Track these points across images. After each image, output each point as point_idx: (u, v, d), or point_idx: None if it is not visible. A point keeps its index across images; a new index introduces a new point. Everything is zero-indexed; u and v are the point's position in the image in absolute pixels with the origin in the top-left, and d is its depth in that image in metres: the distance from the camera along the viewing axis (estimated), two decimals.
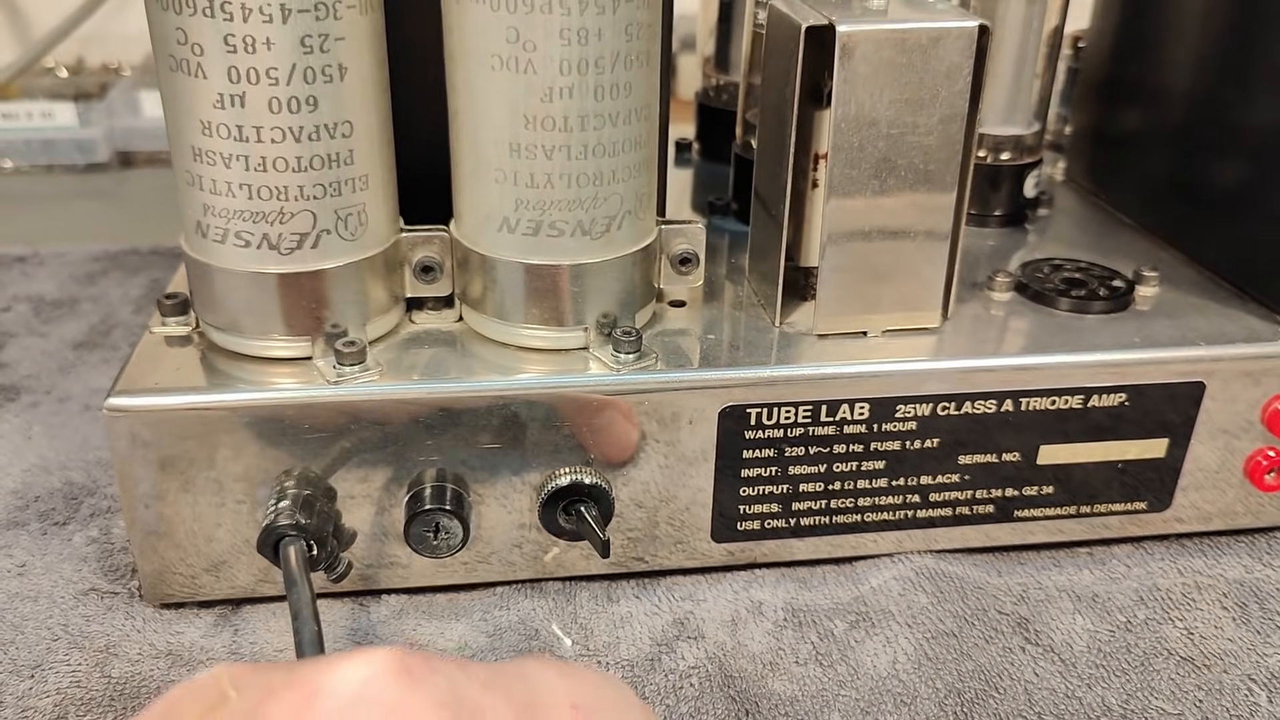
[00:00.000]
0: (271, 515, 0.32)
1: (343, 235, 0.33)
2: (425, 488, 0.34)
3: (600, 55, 0.31)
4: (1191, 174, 0.43)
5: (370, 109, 0.32)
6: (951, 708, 0.32)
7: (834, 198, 0.35)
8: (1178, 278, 0.42)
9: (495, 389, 0.33)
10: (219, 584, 0.35)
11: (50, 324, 0.54)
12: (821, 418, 0.35)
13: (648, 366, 0.34)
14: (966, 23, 0.33)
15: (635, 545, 0.36)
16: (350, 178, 0.32)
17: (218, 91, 0.30)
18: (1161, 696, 0.33)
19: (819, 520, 0.37)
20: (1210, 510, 0.40)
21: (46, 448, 0.44)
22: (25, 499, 0.41)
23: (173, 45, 0.30)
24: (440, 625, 0.35)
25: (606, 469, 0.35)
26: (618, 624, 0.35)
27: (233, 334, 0.34)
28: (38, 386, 0.48)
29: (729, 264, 0.42)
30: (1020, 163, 0.46)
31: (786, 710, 0.32)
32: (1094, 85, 0.51)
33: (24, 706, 0.32)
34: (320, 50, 0.30)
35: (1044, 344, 0.37)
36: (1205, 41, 0.42)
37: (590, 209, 0.33)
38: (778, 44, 0.35)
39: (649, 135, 0.34)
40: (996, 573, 0.38)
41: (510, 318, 0.35)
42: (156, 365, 0.34)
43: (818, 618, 0.36)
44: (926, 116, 0.34)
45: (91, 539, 0.38)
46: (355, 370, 0.33)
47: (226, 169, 0.31)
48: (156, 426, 0.32)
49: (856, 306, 0.37)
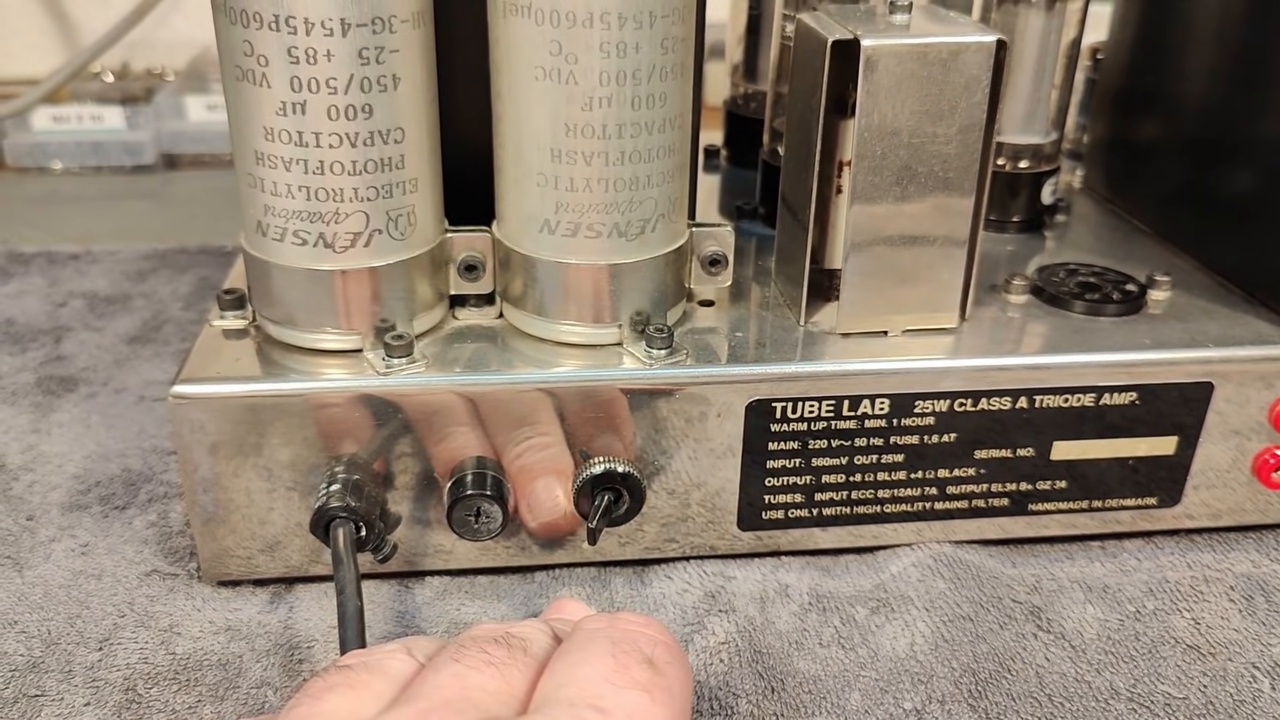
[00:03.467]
0: (323, 498, 0.35)
1: (393, 235, 0.35)
2: (467, 474, 0.36)
3: (638, 67, 0.33)
4: (1204, 183, 0.45)
5: (420, 116, 0.35)
6: (966, 687, 0.34)
7: (857, 203, 0.37)
8: (1189, 283, 0.43)
9: (534, 381, 0.35)
10: (273, 564, 0.37)
11: (105, 319, 0.56)
12: (844, 412, 0.37)
13: (679, 362, 0.36)
14: (985, 38, 0.35)
15: (666, 531, 0.38)
16: (401, 181, 0.35)
17: (280, 100, 0.32)
18: (1168, 682, 0.35)
19: (841, 510, 0.39)
20: (1219, 507, 0.41)
21: (105, 436, 0.46)
22: (86, 484, 0.43)
23: (239, 56, 0.32)
24: (482, 605, 0.37)
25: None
26: (652, 606, 0.37)
27: (288, 327, 0.36)
28: (95, 378, 0.50)
29: (755, 266, 0.44)
30: (1038, 170, 0.48)
31: (810, 688, 0.34)
32: (1111, 95, 0.52)
33: (94, 677, 0.34)
34: (376, 61, 0.32)
35: (1058, 344, 0.39)
36: (1219, 54, 0.44)
37: (626, 212, 0.35)
38: (805, 57, 0.37)
39: (682, 143, 0.36)
40: (1011, 563, 0.40)
41: (548, 314, 0.37)
42: (217, 356, 0.36)
43: (840, 603, 0.38)
44: (946, 127, 0.36)
45: (150, 523, 0.41)
46: (403, 362, 0.35)
47: (287, 172, 0.33)
48: (217, 414, 0.34)
49: (878, 307, 0.38)
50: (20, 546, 0.39)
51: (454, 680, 0.25)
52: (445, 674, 0.25)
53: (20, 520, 0.41)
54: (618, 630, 0.26)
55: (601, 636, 0.26)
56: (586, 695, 0.24)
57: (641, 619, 0.28)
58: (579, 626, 0.27)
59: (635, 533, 0.38)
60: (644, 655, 0.26)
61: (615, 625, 0.27)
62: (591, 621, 0.27)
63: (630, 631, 0.26)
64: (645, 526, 0.38)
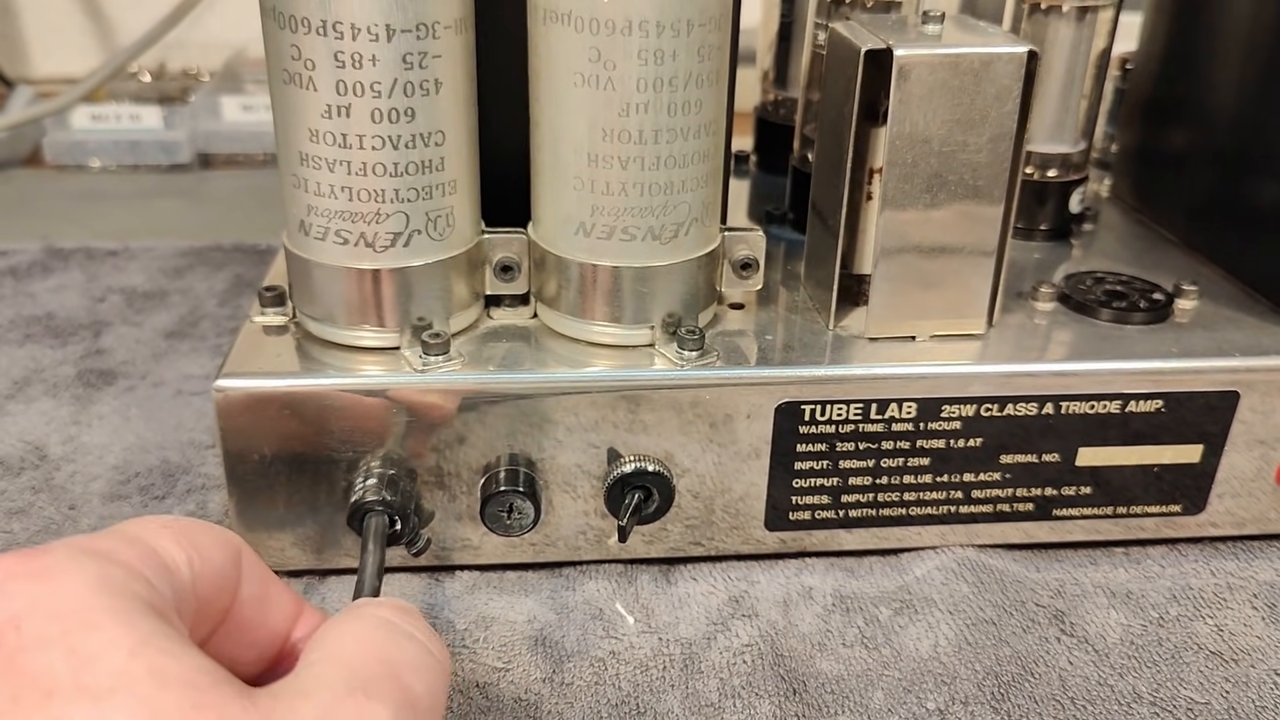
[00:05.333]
0: (360, 492, 0.35)
1: (432, 236, 0.36)
2: (500, 470, 0.37)
3: (674, 74, 0.34)
4: (1232, 193, 0.45)
5: (460, 120, 0.35)
6: (989, 689, 0.35)
7: (887, 210, 0.37)
8: (1216, 292, 0.44)
9: (567, 380, 0.36)
10: (305, 556, 0.38)
11: (142, 314, 0.57)
12: (871, 416, 0.38)
13: (709, 363, 0.37)
14: (1016, 48, 0.36)
15: (693, 531, 0.39)
16: (441, 183, 0.35)
17: (325, 103, 0.33)
18: (1190, 687, 0.35)
19: (867, 513, 0.39)
20: (1244, 515, 0.41)
21: (144, 428, 0.47)
22: (126, 474, 0.44)
23: (286, 60, 0.33)
24: (510, 600, 0.38)
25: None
26: (677, 604, 0.38)
27: (328, 324, 0.37)
28: (133, 372, 0.52)
29: (784, 270, 0.45)
30: (1066, 179, 0.48)
31: (833, 688, 0.35)
32: (1140, 105, 0.53)
33: None
34: (419, 66, 0.33)
35: (1084, 352, 0.39)
36: (1249, 65, 0.44)
37: (660, 216, 0.36)
38: (837, 65, 0.38)
39: (716, 148, 0.37)
40: (1035, 568, 0.40)
41: (582, 315, 0.37)
42: (258, 351, 0.37)
43: (864, 604, 0.38)
44: (977, 135, 0.36)
45: (189, 512, 0.42)
46: (439, 360, 0.36)
47: (330, 173, 0.34)
48: (258, 407, 0.35)
49: (906, 312, 0.39)
50: (63, 535, 0.40)
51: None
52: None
53: (63, 509, 0.42)
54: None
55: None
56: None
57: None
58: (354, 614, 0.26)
59: (661, 532, 0.39)
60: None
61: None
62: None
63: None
64: (670, 525, 0.39)
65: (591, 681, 0.35)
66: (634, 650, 0.36)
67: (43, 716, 0.19)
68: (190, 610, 0.24)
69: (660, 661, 0.35)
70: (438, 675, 0.25)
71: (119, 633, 0.20)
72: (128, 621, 0.21)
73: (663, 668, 0.35)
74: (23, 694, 0.20)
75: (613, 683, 0.35)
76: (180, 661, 0.21)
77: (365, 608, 0.26)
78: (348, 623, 0.25)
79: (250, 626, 0.26)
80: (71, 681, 0.20)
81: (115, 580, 0.22)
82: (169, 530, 0.24)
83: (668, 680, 0.35)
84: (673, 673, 0.35)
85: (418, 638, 0.25)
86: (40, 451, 0.45)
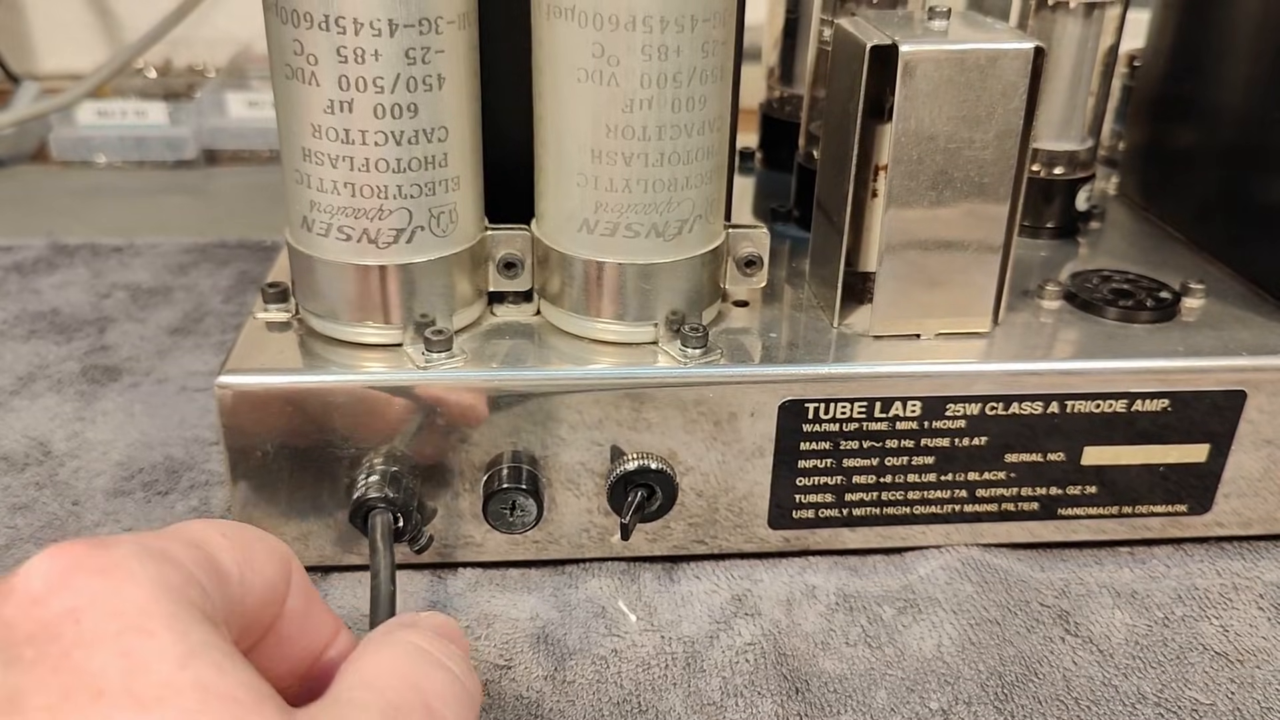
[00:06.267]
0: (362, 489, 0.35)
1: (435, 232, 0.36)
2: (503, 468, 0.36)
3: (679, 70, 0.34)
4: (1240, 191, 0.45)
5: (464, 116, 0.35)
6: (993, 689, 0.34)
7: (893, 207, 0.37)
8: (1223, 291, 0.43)
9: (570, 378, 0.36)
10: (308, 551, 0.38)
11: (147, 310, 0.57)
12: (875, 414, 0.37)
13: (713, 361, 0.37)
14: (1023, 44, 0.35)
15: (696, 529, 0.39)
16: (444, 179, 0.35)
17: (328, 98, 0.33)
18: (1195, 687, 0.35)
19: (870, 511, 0.39)
20: (1250, 515, 0.41)
21: (148, 425, 0.47)
22: (130, 470, 0.44)
23: (289, 55, 0.33)
24: (513, 598, 0.38)
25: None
26: (679, 603, 0.38)
27: (330, 320, 0.37)
28: (138, 368, 0.52)
29: (789, 268, 0.44)
30: (1073, 177, 0.48)
31: (836, 688, 0.34)
32: (1147, 103, 0.52)
33: None
34: (422, 61, 0.33)
35: (1090, 350, 0.39)
36: (1257, 63, 0.44)
37: (664, 213, 0.36)
38: (843, 61, 0.38)
39: (720, 145, 0.36)
40: (1039, 567, 0.40)
41: (585, 312, 0.37)
42: (261, 348, 0.37)
43: (868, 603, 0.38)
44: (983, 132, 0.36)
45: (192, 508, 0.42)
46: (442, 357, 0.36)
47: (333, 169, 0.34)
48: (261, 403, 0.35)
49: (911, 310, 0.39)
50: (67, 530, 0.40)
51: None
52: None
53: (67, 505, 0.42)
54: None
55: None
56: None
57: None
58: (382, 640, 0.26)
59: (664, 530, 0.39)
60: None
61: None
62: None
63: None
64: (673, 523, 0.38)
65: (593, 679, 0.34)
66: (636, 648, 0.36)
67: (89, 717, 0.19)
68: (239, 622, 0.24)
69: (662, 660, 0.35)
70: (467, 705, 0.25)
71: (170, 640, 0.21)
72: (181, 630, 0.21)
73: (665, 666, 0.35)
74: (74, 691, 0.20)
75: (615, 681, 0.34)
76: (226, 677, 0.21)
77: (399, 633, 0.26)
78: (384, 649, 0.25)
79: (290, 641, 0.27)
80: (121, 685, 0.20)
81: (174, 584, 0.22)
82: (227, 539, 0.25)
83: (670, 679, 0.35)
84: (675, 671, 0.35)
85: (449, 667, 0.25)
86: (44, 447, 0.45)
